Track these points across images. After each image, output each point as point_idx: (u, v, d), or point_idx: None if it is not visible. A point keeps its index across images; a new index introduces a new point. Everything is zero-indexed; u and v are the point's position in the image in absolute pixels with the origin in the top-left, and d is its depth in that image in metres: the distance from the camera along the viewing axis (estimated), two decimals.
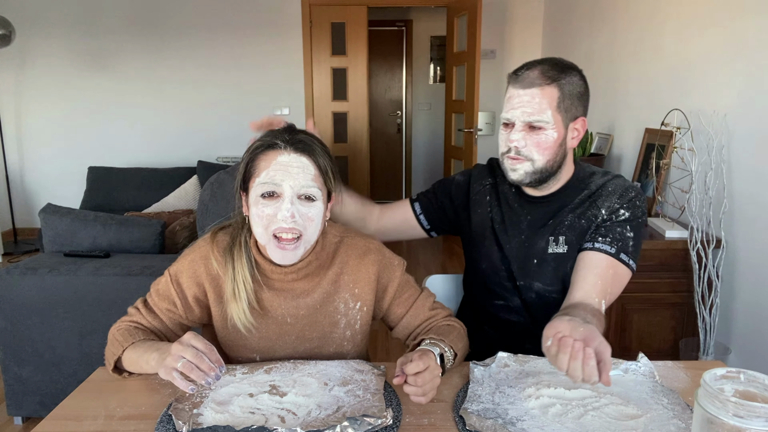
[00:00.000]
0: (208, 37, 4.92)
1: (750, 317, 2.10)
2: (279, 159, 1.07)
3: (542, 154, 1.25)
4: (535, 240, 1.34)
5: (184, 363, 0.97)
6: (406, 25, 6.56)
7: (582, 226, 1.30)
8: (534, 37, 4.92)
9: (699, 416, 0.72)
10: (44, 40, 4.88)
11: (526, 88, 1.24)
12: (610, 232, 1.26)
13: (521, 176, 1.28)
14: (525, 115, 1.24)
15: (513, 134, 1.26)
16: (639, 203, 1.29)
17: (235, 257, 1.13)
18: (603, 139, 3.41)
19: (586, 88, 1.28)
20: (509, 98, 1.27)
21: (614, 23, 3.36)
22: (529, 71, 1.25)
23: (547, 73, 1.23)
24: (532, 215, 1.36)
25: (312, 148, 1.10)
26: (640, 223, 1.29)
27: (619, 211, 1.28)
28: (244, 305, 1.12)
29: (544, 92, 1.23)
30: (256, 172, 1.08)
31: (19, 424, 2.28)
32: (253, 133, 1.19)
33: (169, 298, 1.16)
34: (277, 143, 1.08)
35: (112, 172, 4.49)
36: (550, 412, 0.94)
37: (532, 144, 1.25)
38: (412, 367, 0.96)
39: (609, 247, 1.25)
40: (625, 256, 1.25)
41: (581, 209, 1.32)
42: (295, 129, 1.14)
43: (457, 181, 1.49)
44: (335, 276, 1.19)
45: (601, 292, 1.20)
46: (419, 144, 6.86)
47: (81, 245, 2.29)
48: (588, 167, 1.38)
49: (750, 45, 2.12)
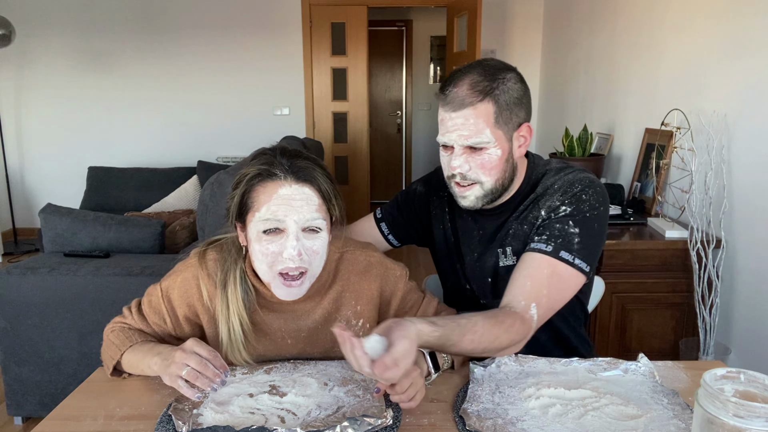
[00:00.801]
0: (208, 36, 4.92)
1: (750, 317, 2.10)
2: (280, 192, 1.00)
3: (489, 175, 1.16)
4: (486, 257, 1.27)
5: (188, 371, 0.97)
6: (406, 25, 6.56)
7: (524, 232, 1.21)
8: (534, 37, 4.92)
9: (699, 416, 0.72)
10: (44, 40, 4.88)
11: (457, 110, 1.12)
12: (547, 229, 1.16)
13: (472, 202, 1.20)
14: (462, 139, 1.13)
15: (454, 160, 1.16)
16: (586, 197, 1.17)
17: (230, 296, 1.07)
18: (603, 139, 3.41)
19: (525, 88, 1.17)
20: (442, 121, 1.16)
21: (614, 23, 3.36)
22: (457, 88, 1.12)
23: (476, 87, 1.11)
24: (483, 229, 1.29)
25: (314, 176, 1.02)
26: (589, 218, 1.15)
27: (560, 208, 1.17)
28: (240, 347, 1.08)
29: (477, 111, 1.11)
30: (255, 206, 1.01)
31: (19, 424, 2.28)
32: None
33: (159, 313, 1.14)
34: (276, 173, 1.01)
35: (112, 172, 4.50)
36: (550, 413, 0.94)
37: (476, 166, 1.16)
38: (389, 374, 0.92)
39: (544, 245, 1.13)
40: (567, 254, 1.12)
41: (524, 214, 1.22)
42: (292, 152, 1.05)
43: (419, 193, 1.43)
44: (337, 295, 1.15)
45: (530, 294, 1.10)
46: (419, 144, 6.86)
47: (81, 245, 2.29)
48: (545, 166, 1.26)
49: (750, 45, 2.12)
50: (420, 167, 6.85)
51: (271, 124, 5.04)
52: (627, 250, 2.22)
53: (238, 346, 1.08)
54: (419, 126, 6.82)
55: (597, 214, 1.17)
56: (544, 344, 1.30)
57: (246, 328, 1.09)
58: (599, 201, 1.18)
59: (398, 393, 0.93)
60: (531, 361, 1.12)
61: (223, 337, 1.09)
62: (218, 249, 1.14)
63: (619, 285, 2.21)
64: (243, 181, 1.03)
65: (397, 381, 0.91)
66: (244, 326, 1.08)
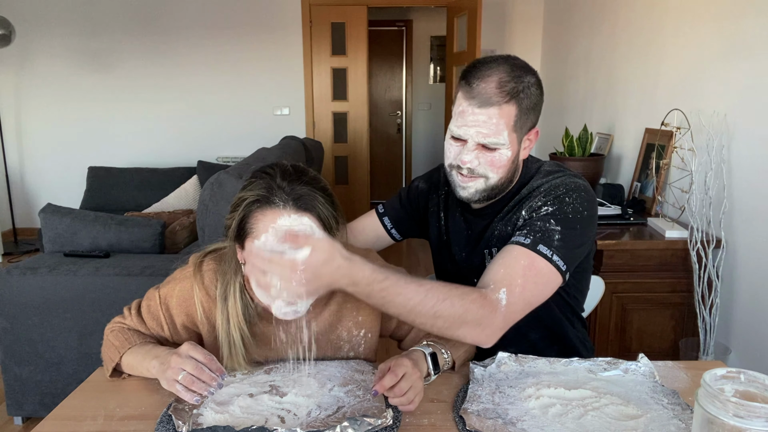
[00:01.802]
0: (208, 36, 4.92)
1: (750, 317, 2.10)
2: (279, 222, 0.95)
3: (496, 172, 1.16)
4: (473, 257, 1.28)
5: (184, 376, 0.97)
6: (406, 25, 6.56)
7: (507, 233, 1.20)
8: (534, 37, 4.92)
9: (699, 416, 0.72)
10: (44, 40, 4.88)
11: (483, 106, 1.11)
12: (527, 226, 1.14)
13: (471, 194, 1.19)
14: (480, 136, 1.13)
15: (465, 154, 1.15)
16: (569, 200, 1.15)
17: (230, 309, 1.06)
18: (603, 139, 3.41)
19: (541, 93, 1.17)
20: (462, 113, 1.14)
21: (614, 23, 3.36)
22: (485, 84, 1.11)
23: (504, 87, 1.11)
24: (472, 229, 1.29)
25: (314, 204, 0.98)
26: (572, 219, 1.13)
27: (541, 208, 1.15)
28: (241, 360, 1.08)
29: (501, 112, 1.11)
30: (253, 233, 0.97)
31: (19, 424, 2.28)
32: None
33: (157, 319, 1.13)
34: (275, 201, 0.96)
35: (112, 172, 4.50)
36: (550, 412, 0.94)
37: (486, 162, 1.15)
38: (386, 382, 0.93)
39: (523, 238, 1.10)
40: (545, 248, 1.09)
41: (508, 216, 1.22)
42: (293, 174, 1.00)
43: (420, 189, 1.45)
44: (338, 306, 1.15)
45: (501, 280, 1.05)
46: (419, 144, 6.86)
47: (81, 245, 2.29)
48: (536, 169, 1.26)
49: (750, 45, 2.12)
50: (420, 167, 6.85)
51: (271, 124, 5.04)
52: (627, 250, 2.22)
53: (239, 359, 1.08)
54: (419, 126, 6.82)
55: (580, 217, 1.14)
56: (534, 343, 1.31)
57: (246, 340, 1.08)
58: (584, 206, 1.16)
59: (397, 396, 0.93)
60: (531, 361, 1.12)
61: (224, 350, 1.08)
62: (217, 260, 1.12)
63: (619, 285, 2.21)
64: (241, 206, 0.99)
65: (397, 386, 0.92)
66: (245, 339, 1.07)
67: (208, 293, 1.09)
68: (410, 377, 0.94)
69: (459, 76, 1.18)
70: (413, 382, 0.94)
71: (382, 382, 0.93)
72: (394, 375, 0.94)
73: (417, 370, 0.98)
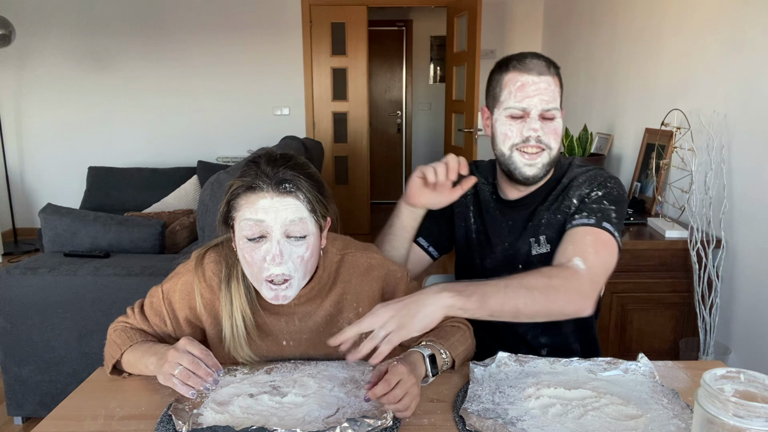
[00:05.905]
0: (208, 37, 4.92)
1: (750, 317, 2.10)
2: (261, 203, 1.00)
3: (557, 142, 1.23)
4: (518, 245, 1.31)
5: (180, 370, 0.97)
6: (406, 25, 6.56)
7: (559, 221, 1.26)
8: (534, 37, 4.92)
9: (699, 416, 0.72)
10: (44, 40, 4.88)
11: (542, 75, 1.20)
12: (584, 209, 1.21)
13: (538, 170, 1.24)
14: (543, 103, 1.20)
15: (533, 123, 1.20)
16: (611, 184, 1.24)
17: (234, 292, 1.08)
18: (603, 139, 3.41)
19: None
20: (522, 85, 1.20)
21: (614, 23, 3.36)
22: (535, 60, 1.21)
23: (550, 63, 1.23)
24: (513, 220, 1.33)
25: (297, 187, 1.01)
26: (617, 197, 1.22)
27: (591, 193, 1.23)
28: (243, 343, 1.09)
29: (555, 80, 1.22)
30: (238, 216, 1.02)
31: (19, 424, 2.28)
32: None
33: (160, 315, 1.14)
34: (258, 185, 1.00)
35: (112, 172, 4.50)
36: (550, 412, 0.94)
37: (549, 131, 1.22)
38: (379, 390, 0.92)
39: (587, 219, 1.18)
40: (608, 224, 1.17)
41: (555, 204, 1.27)
42: (278, 160, 1.03)
43: None
44: (338, 297, 1.15)
45: (572, 254, 1.12)
46: (419, 144, 6.85)
47: (81, 245, 2.29)
48: (567, 162, 1.34)
49: (750, 45, 2.12)
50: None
51: (271, 124, 5.04)
52: (627, 250, 2.21)
53: (240, 343, 1.09)
54: (419, 126, 6.82)
55: (621, 195, 1.24)
56: (566, 335, 1.34)
57: (249, 323, 1.10)
58: (622, 190, 1.26)
59: (391, 403, 0.91)
60: (531, 361, 1.12)
61: (226, 333, 1.09)
62: (218, 250, 1.15)
63: (619, 285, 2.21)
64: (228, 192, 1.04)
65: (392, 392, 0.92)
66: (247, 322, 1.09)
67: (210, 284, 1.11)
68: (405, 384, 0.92)
69: (492, 70, 1.27)
70: (408, 389, 0.92)
71: (374, 390, 0.92)
72: (387, 384, 0.92)
73: (413, 376, 0.96)
